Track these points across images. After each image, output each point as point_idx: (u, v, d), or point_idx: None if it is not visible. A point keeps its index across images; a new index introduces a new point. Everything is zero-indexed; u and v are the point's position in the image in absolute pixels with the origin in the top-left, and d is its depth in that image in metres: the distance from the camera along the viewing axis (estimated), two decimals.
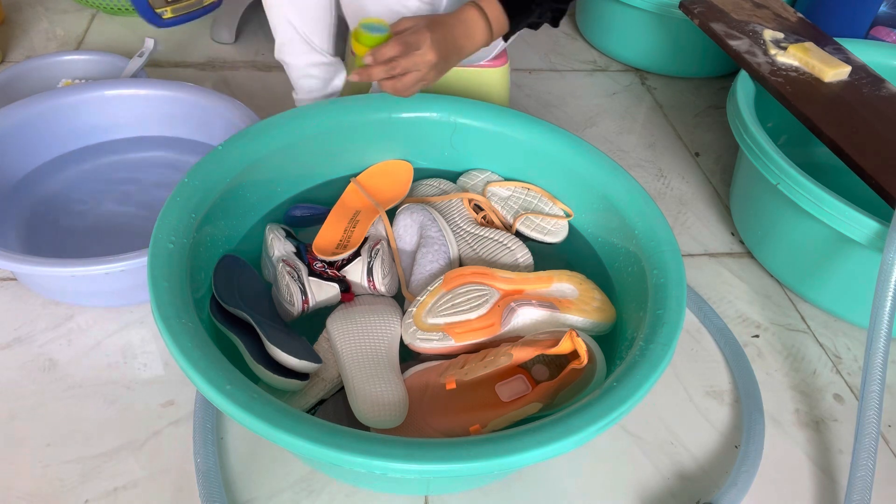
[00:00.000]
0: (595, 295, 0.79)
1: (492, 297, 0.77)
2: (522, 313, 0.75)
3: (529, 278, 0.80)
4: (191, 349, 0.59)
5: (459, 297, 0.76)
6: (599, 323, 0.77)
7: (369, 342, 0.73)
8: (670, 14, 1.37)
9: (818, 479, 0.80)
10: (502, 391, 0.71)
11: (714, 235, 1.13)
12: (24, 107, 1.01)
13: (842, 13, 1.27)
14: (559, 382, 0.68)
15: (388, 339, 0.75)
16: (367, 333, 0.75)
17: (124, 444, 0.76)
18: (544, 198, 0.93)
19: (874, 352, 0.76)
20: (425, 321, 0.74)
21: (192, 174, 0.78)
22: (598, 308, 0.78)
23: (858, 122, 0.98)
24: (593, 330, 0.77)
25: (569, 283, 0.80)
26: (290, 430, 0.54)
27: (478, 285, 0.78)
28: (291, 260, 0.79)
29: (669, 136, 1.35)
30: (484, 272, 0.79)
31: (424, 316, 0.75)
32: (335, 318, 0.76)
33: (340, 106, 0.94)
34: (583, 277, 0.81)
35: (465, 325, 0.74)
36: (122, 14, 1.53)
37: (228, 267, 0.78)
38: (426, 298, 0.77)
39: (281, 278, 0.77)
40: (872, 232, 0.83)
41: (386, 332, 0.75)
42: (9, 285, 0.92)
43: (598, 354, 0.70)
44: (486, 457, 0.54)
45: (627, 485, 0.78)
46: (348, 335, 0.74)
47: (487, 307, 0.76)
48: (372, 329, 0.75)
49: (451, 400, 0.69)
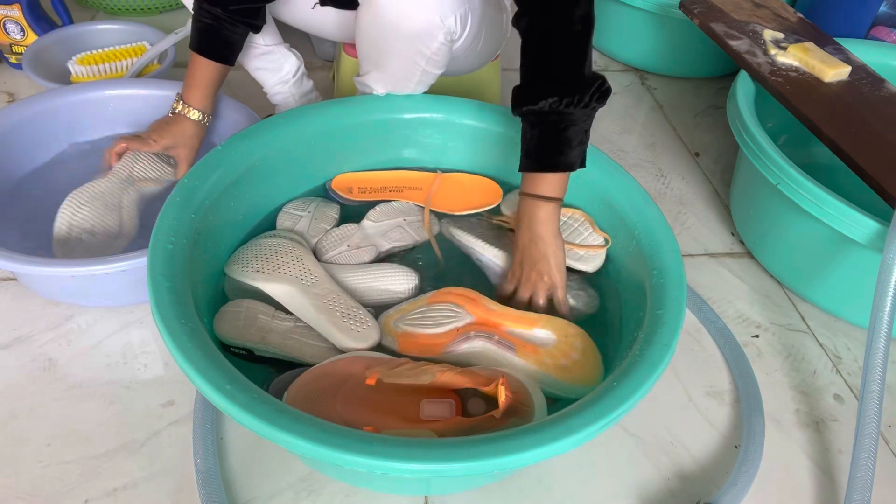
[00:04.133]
0: (572, 354, 0.74)
1: (459, 321, 0.76)
2: (475, 345, 0.74)
3: (513, 316, 0.77)
4: (191, 349, 0.59)
5: (432, 312, 0.77)
6: (556, 380, 0.72)
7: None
8: (670, 14, 1.37)
9: (818, 479, 0.80)
10: (425, 408, 0.69)
11: (714, 235, 1.13)
12: (23, 106, 1.01)
13: (842, 13, 1.27)
14: (472, 424, 0.65)
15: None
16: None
17: (124, 445, 0.76)
18: (585, 222, 0.89)
19: (874, 352, 0.76)
20: (392, 324, 0.77)
21: (192, 174, 0.78)
22: (563, 366, 0.73)
23: (858, 122, 0.98)
24: (549, 386, 0.72)
25: (552, 333, 0.76)
26: (290, 430, 0.54)
27: (455, 306, 0.77)
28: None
29: (669, 136, 1.35)
30: (471, 297, 0.78)
31: (395, 320, 0.77)
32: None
33: (341, 107, 0.94)
34: (576, 334, 0.76)
35: (416, 337, 0.75)
36: (122, 14, 1.53)
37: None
38: (406, 306, 0.79)
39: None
40: (872, 232, 0.83)
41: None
42: (9, 285, 0.92)
43: (537, 410, 0.66)
44: (486, 457, 0.54)
45: (627, 485, 0.77)
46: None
47: (448, 328, 0.76)
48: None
49: (369, 396, 0.68)
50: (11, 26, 1.27)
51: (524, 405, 0.66)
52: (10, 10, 1.25)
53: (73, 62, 1.20)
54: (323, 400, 0.66)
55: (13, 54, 1.30)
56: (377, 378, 0.67)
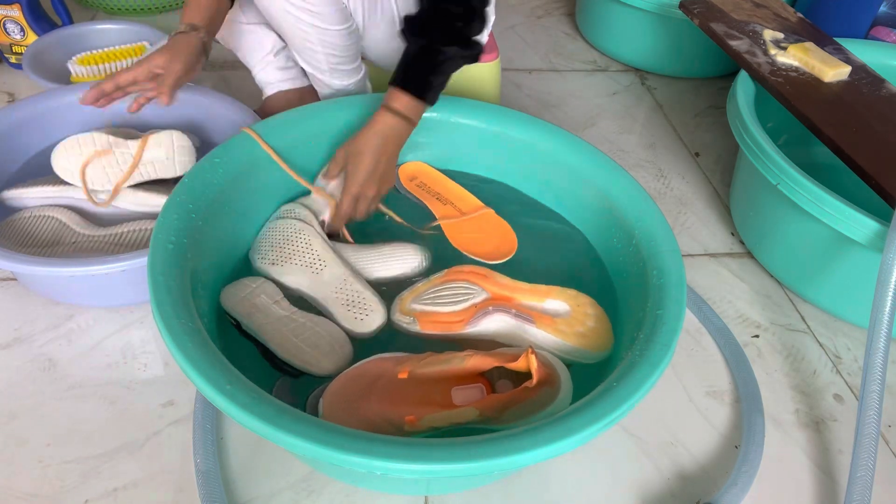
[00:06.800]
0: (587, 321, 0.78)
1: (475, 297, 0.78)
2: (494, 319, 0.76)
3: (525, 288, 0.80)
4: (191, 349, 0.59)
5: (446, 290, 0.79)
6: (576, 348, 0.75)
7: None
8: (670, 14, 1.37)
9: (818, 479, 0.80)
10: (457, 395, 0.71)
11: (714, 235, 1.13)
12: (24, 106, 1.01)
13: (842, 13, 1.27)
14: (508, 398, 0.67)
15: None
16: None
17: (124, 445, 0.76)
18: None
19: (874, 352, 0.76)
20: (408, 305, 0.78)
21: (192, 174, 0.78)
22: (580, 333, 0.76)
23: (858, 122, 0.98)
24: (568, 353, 0.75)
25: (565, 303, 0.79)
26: (290, 430, 0.54)
27: (469, 283, 0.79)
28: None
29: (669, 136, 1.35)
30: (483, 273, 0.80)
31: (410, 301, 0.79)
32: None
33: (342, 105, 0.94)
34: (587, 302, 0.79)
35: (435, 316, 0.77)
36: (122, 14, 1.53)
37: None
38: (420, 286, 0.80)
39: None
40: (872, 232, 0.83)
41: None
42: (9, 285, 0.92)
43: (563, 380, 0.69)
44: (486, 457, 0.54)
45: (627, 485, 0.77)
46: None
47: (465, 305, 0.78)
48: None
49: (402, 390, 0.69)
50: (11, 26, 1.27)
51: (551, 375, 0.69)
52: (10, 10, 1.25)
53: (73, 62, 1.21)
54: (358, 401, 0.67)
55: (13, 54, 1.30)
56: (408, 371, 0.69)
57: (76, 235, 0.89)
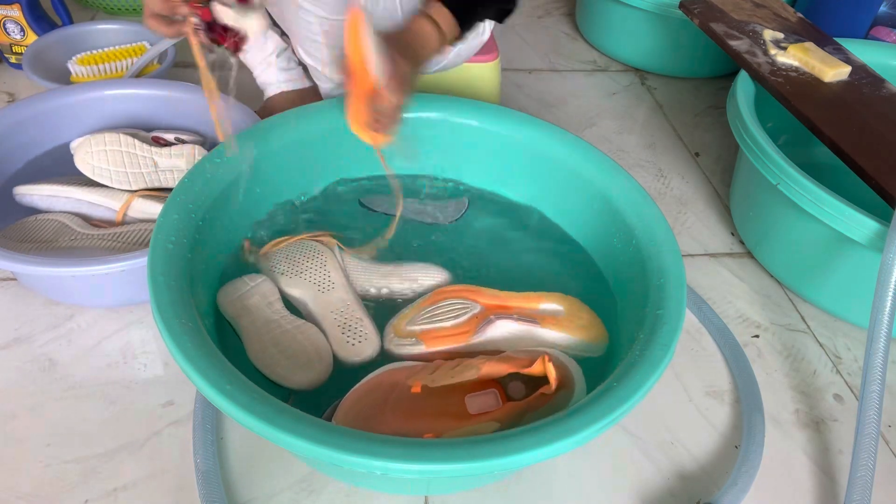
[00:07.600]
0: (583, 315, 0.79)
1: (472, 310, 0.78)
2: (500, 325, 0.76)
3: (517, 296, 0.80)
4: (191, 349, 0.59)
5: (440, 308, 0.78)
6: (583, 342, 0.76)
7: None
8: (670, 14, 1.37)
9: (818, 479, 0.80)
10: (471, 403, 0.70)
11: (714, 235, 1.13)
12: (24, 106, 1.01)
13: (842, 13, 1.27)
14: (526, 405, 0.67)
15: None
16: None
17: (124, 445, 0.76)
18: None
19: (874, 352, 0.76)
20: (405, 328, 0.77)
21: (193, 174, 0.78)
22: (582, 327, 0.77)
23: (858, 122, 0.98)
24: (578, 349, 0.76)
25: (558, 304, 0.80)
26: (290, 430, 0.54)
27: (461, 300, 0.79)
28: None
29: (669, 136, 1.35)
30: (470, 290, 0.80)
31: (406, 324, 0.78)
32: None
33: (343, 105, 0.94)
34: (574, 300, 0.81)
35: (439, 332, 0.76)
36: (122, 14, 1.53)
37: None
38: (409, 311, 0.79)
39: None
40: (872, 232, 0.83)
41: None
42: (9, 285, 0.92)
43: (577, 382, 0.69)
44: (486, 457, 0.54)
45: (627, 485, 0.77)
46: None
47: (466, 317, 0.77)
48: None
49: (416, 403, 0.69)
50: (11, 26, 1.27)
51: (566, 377, 0.69)
52: (10, 10, 1.25)
53: (73, 62, 1.21)
54: (374, 417, 0.67)
55: (13, 54, 1.30)
56: (421, 384, 0.68)
57: (75, 234, 0.89)
